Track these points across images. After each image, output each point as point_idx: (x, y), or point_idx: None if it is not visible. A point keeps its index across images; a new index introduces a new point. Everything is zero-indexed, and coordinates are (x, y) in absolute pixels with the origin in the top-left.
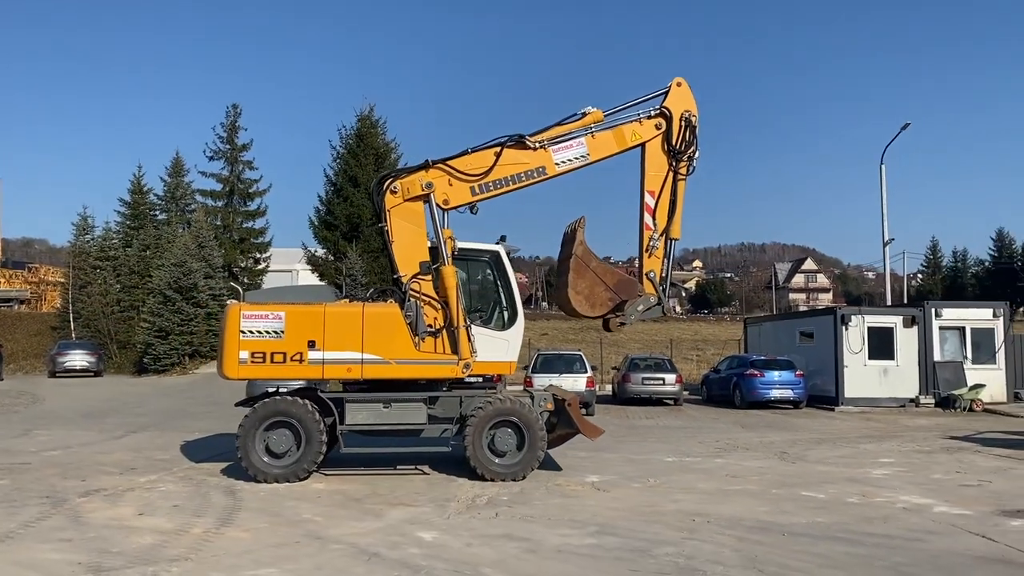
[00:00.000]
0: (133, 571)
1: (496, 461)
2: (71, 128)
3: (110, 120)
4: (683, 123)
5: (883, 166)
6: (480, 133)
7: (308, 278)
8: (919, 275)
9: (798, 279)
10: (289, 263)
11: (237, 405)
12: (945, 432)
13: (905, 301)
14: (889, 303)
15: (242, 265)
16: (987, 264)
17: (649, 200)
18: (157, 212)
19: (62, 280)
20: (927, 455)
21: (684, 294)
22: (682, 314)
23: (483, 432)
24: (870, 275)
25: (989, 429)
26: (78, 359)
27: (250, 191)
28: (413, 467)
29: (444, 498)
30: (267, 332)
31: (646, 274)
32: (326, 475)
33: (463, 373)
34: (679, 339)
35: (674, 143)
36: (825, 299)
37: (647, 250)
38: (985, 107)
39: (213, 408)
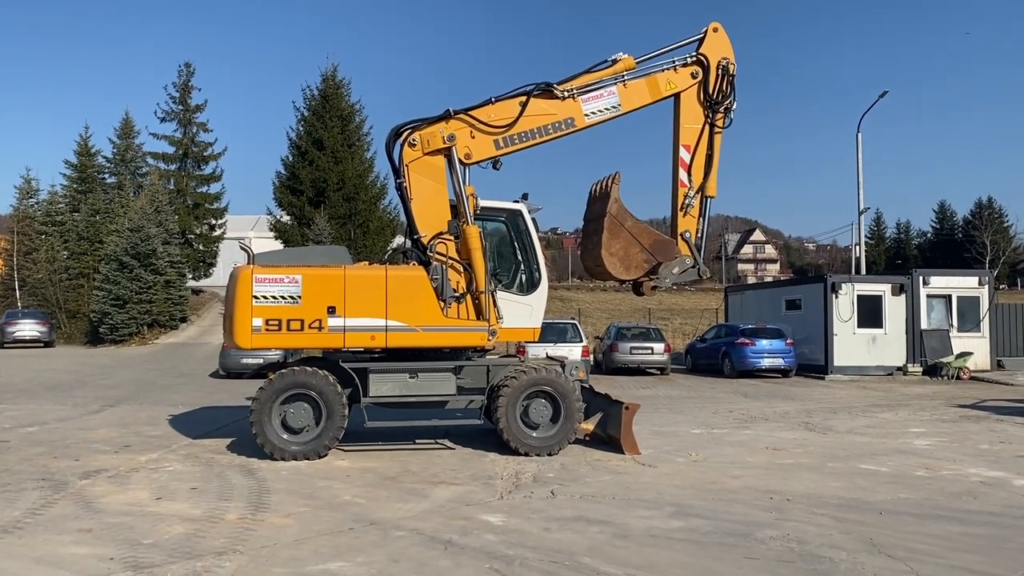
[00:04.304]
0: (179, 567)
1: (532, 434)
2: (5, 83)
3: (51, 76)
4: (720, 71)
5: (859, 134)
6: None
7: (261, 245)
8: (860, 246)
9: (746, 250)
10: (241, 230)
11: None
12: (948, 401)
13: (856, 271)
14: (863, 272)
15: (197, 232)
16: (929, 236)
17: (684, 155)
18: (106, 175)
19: (5, 247)
20: (953, 424)
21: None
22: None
23: (517, 403)
24: (811, 246)
25: (990, 397)
26: (28, 329)
27: (204, 154)
28: (433, 441)
29: (485, 475)
30: (283, 297)
31: (681, 234)
32: (345, 451)
33: (489, 341)
34: (645, 308)
35: (711, 93)
36: (773, 269)
37: (682, 209)
38: (928, 81)
39: (184, 380)
